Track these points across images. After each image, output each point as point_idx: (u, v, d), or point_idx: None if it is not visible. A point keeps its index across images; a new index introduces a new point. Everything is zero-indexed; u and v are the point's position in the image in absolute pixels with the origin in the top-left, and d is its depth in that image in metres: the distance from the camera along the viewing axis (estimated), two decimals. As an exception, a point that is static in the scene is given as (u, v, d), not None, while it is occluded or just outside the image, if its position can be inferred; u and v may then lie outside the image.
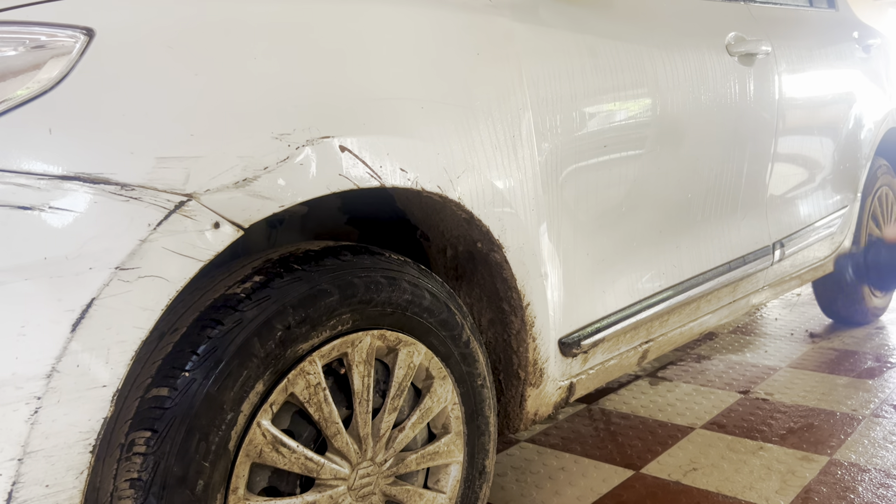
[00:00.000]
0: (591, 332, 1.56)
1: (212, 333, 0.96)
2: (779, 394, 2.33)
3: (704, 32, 1.90)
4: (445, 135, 1.21)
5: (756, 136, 2.07)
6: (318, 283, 1.05)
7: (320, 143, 1.02)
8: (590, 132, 1.50)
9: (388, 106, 1.13)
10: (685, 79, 1.76)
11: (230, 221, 0.93)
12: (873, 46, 2.88)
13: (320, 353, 1.06)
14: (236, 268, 1.06)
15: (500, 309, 1.41)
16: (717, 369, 2.59)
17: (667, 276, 1.78)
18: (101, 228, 0.84)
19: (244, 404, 0.97)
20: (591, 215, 1.53)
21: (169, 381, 0.93)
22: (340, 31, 1.11)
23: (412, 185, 1.15)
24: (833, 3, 2.87)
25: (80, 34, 0.89)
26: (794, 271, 2.42)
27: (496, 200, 1.29)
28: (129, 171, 0.86)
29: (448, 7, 1.29)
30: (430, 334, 1.22)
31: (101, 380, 0.84)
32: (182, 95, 0.92)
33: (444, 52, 1.24)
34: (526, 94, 1.36)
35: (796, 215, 2.37)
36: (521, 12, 1.41)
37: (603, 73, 1.53)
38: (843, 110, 2.58)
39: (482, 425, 1.33)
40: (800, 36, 2.37)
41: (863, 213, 2.85)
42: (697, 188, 1.86)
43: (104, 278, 0.83)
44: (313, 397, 1.05)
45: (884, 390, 2.33)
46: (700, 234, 1.90)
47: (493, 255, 1.34)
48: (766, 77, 2.10)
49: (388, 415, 1.17)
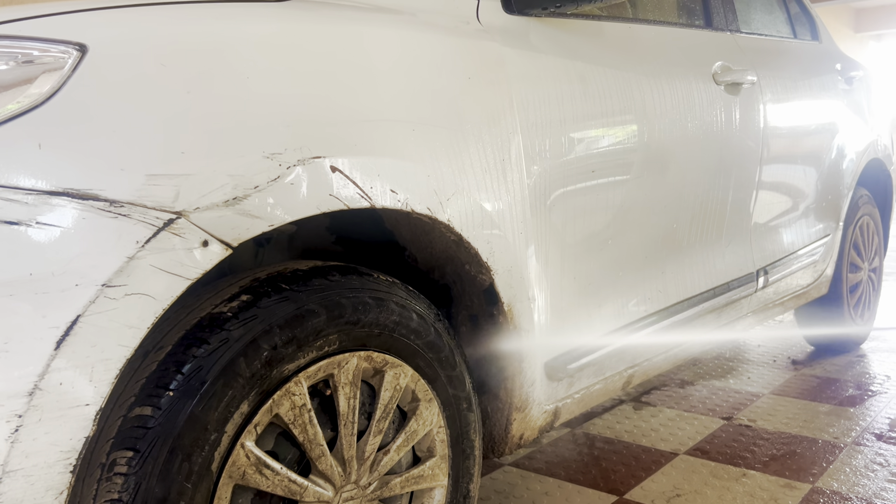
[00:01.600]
0: (577, 356, 1.56)
1: (197, 352, 0.95)
2: (761, 420, 2.34)
3: (692, 61, 1.92)
4: (436, 157, 1.22)
5: (741, 164, 2.09)
6: (306, 303, 1.05)
7: (311, 163, 1.02)
8: (578, 157, 1.51)
9: (380, 127, 1.14)
10: (672, 106, 1.78)
11: (219, 240, 0.93)
12: (855, 78, 2.94)
13: (306, 373, 1.05)
14: (223, 286, 1.05)
15: (487, 332, 1.41)
16: (700, 395, 2.60)
17: (652, 301, 1.79)
18: (89, 245, 0.83)
19: (228, 425, 0.96)
20: (578, 239, 1.54)
21: (153, 401, 0.92)
22: (333, 53, 1.12)
23: (402, 207, 1.15)
24: (816, 36, 2.93)
25: (73, 50, 0.89)
26: (778, 298, 2.44)
27: (485, 223, 1.30)
28: (119, 187, 0.86)
29: (440, 31, 1.30)
30: (416, 356, 1.21)
31: (84, 398, 0.82)
32: (174, 113, 0.92)
33: (435, 76, 1.25)
34: (516, 118, 1.37)
35: (780, 243, 2.40)
36: (512, 38, 1.42)
37: (592, 100, 1.54)
38: (826, 140, 2.62)
39: (467, 449, 1.32)
40: (784, 67, 2.41)
41: (845, 242, 2.88)
42: (683, 214, 1.87)
43: (90, 295, 0.82)
44: (298, 419, 1.04)
45: (865, 418, 2.34)
46: (685, 260, 1.92)
47: (481, 278, 1.34)
48: (751, 106, 2.13)
49: (374, 437, 1.16)
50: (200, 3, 1.06)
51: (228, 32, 1.01)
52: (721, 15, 2.20)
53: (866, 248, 3.12)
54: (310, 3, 1.21)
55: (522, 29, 1.46)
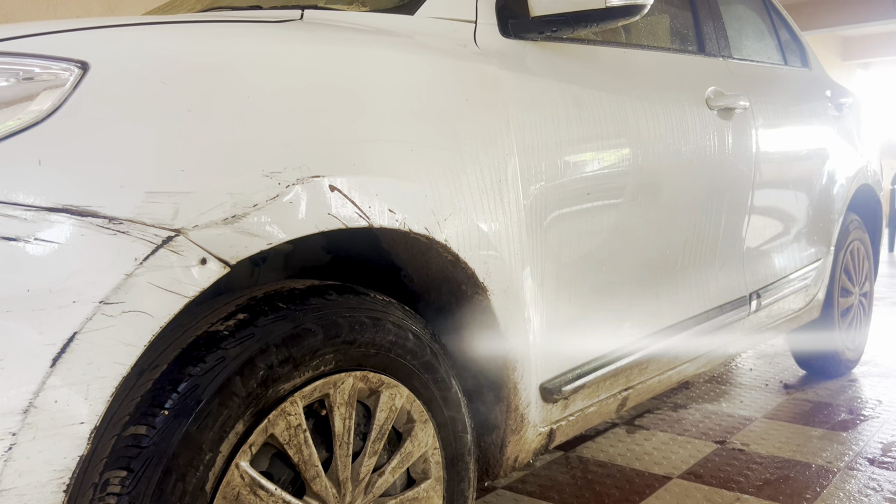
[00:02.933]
0: (572, 377, 1.56)
1: (193, 371, 0.94)
2: (755, 444, 2.34)
3: (685, 86, 1.94)
4: (433, 177, 1.22)
5: (734, 188, 2.11)
6: (303, 322, 1.05)
7: (310, 182, 1.03)
8: (573, 179, 1.52)
9: (378, 147, 1.14)
10: (666, 130, 1.80)
11: (217, 258, 0.93)
12: (845, 105, 2.97)
13: (302, 393, 1.05)
14: (220, 304, 1.04)
15: (483, 352, 1.40)
16: (693, 418, 2.59)
17: (646, 323, 1.79)
18: (87, 262, 0.83)
19: (223, 445, 0.95)
20: (573, 260, 1.54)
21: (147, 420, 0.91)
22: (333, 74, 1.12)
23: (400, 226, 1.15)
24: (807, 63, 2.97)
25: (75, 67, 0.89)
26: (770, 322, 2.45)
27: (482, 243, 1.30)
28: (118, 204, 0.86)
29: (438, 54, 1.32)
30: (412, 377, 1.21)
31: (79, 416, 0.82)
32: (174, 131, 0.92)
33: (434, 98, 1.26)
34: (513, 140, 1.38)
35: (772, 267, 2.41)
36: (509, 61, 1.44)
37: (587, 123, 1.56)
38: (816, 166, 2.65)
39: (462, 471, 1.32)
40: (776, 93, 2.44)
41: (836, 266, 2.90)
42: (676, 237, 1.88)
43: (87, 312, 0.82)
44: (293, 439, 1.04)
45: (857, 443, 2.34)
46: (679, 282, 1.92)
47: (478, 298, 1.34)
48: (743, 131, 2.15)
49: (369, 458, 1.15)
50: (202, 23, 1.07)
51: (229, 52, 1.02)
52: (714, 41, 2.23)
53: (857, 273, 3.14)
54: (310, 24, 1.22)
55: (519, 53, 1.48)
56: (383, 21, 1.37)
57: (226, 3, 1.78)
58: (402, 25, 1.37)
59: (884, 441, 2.35)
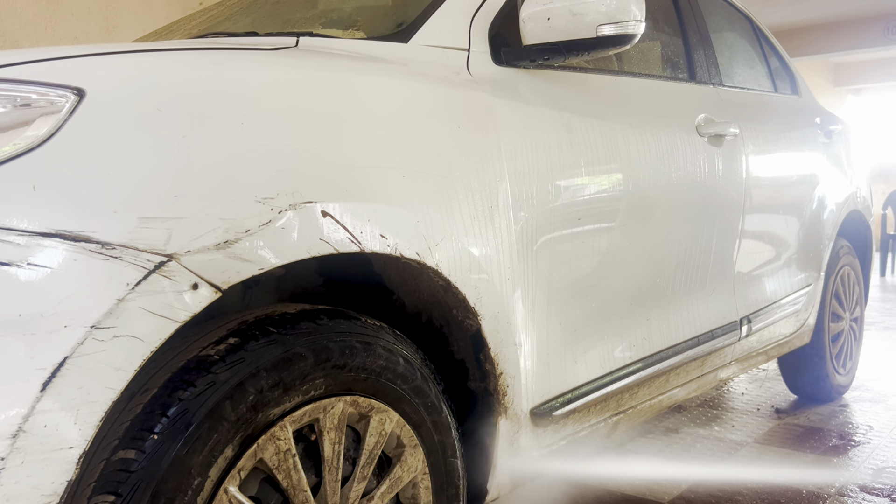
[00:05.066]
0: (562, 402, 1.56)
1: (183, 395, 0.95)
2: (745, 470, 2.33)
3: (676, 113, 1.97)
4: (425, 203, 1.23)
5: (724, 213, 2.13)
6: (293, 346, 1.05)
7: (303, 207, 1.04)
8: (564, 204, 1.53)
9: (371, 173, 1.16)
10: (657, 157, 1.82)
11: (209, 283, 0.93)
12: (834, 132, 3.01)
13: (291, 418, 1.05)
14: (211, 329, 1.05)
15: (474, 377, 1.41)
16: (684, 443, 2.59)
17: (637, 347, 1.80)
18: (79, 286, 0.83)
19: (212, 469, 0.95)
20: (564, 285, 1.55)
21: (136, 444, 0.91)
22: (327, 101, 1.14)
23: (391, 251, 1.16)
24: (796, 90, 3.01)
25: (71, 94, 0.90)
26: (761, 347, 2.46)
27: (473, 268, 1.31)
28: (111, 229, 0.87)
29: (431, 81, 1.34)
30: (402, 401, 1.21)
31: (69, 441, 0.82)
32: (168, 157, 0.93)
33: (426, 124, 1.28)
34: (504, 165, 1.40)
35: (763, 292, 2.43)
36: (500, 88, 1.46)
37: (578, 149, 1.58)
38: (806, 192, 2.67)
39: (451, 496, 1.31)
40: (766, 120, 2.47)
41: (826, 291, 2.92)
42: (667, 262, 1.90)
43: (79, 337, 0.82)
44: (283, 464, 1.04)
45: (848, 469, 2.34)
46: (670, 307, 1.93)
47: (469, 323, 1.35)
48: (734, 158, 2.17)
49: (358, 484, 1.15)
50: (198, 50, 1.08)
51: (225, 79, 1.03)
52: (704, 69, 2.26)
53: (847, 298, 3.16)
54: (305, 51, 1.24)
55: (511, 80, 1.50)
56: (377, 49, 1.39)
57: (222, 28, 1.80)
58: (396, 53, 1.39)
59: (875, 467, 2.35)
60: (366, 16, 1.67)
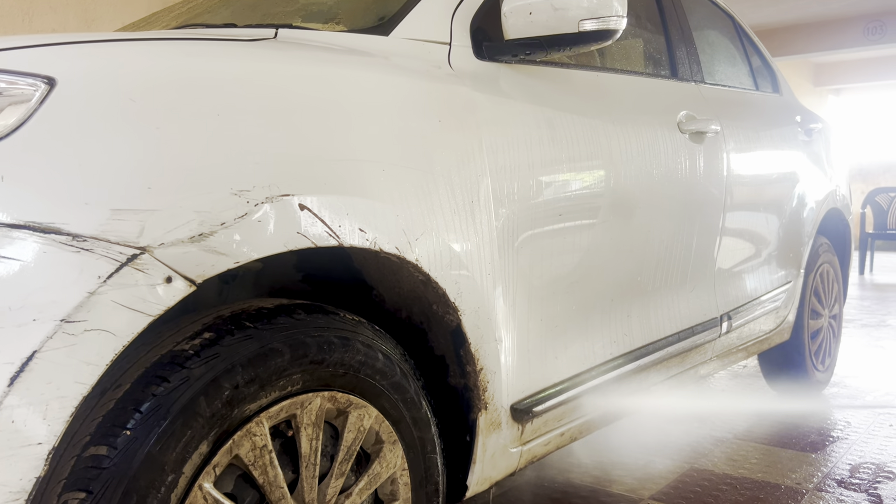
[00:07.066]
0: (543, 398, 1.56)
1: (157, 391, 0.93)
2: (725, 465, 2.35)
3: (657, 110, 1.97)
4: (405, 197, 1.22)
5: (705, 210, 2.14)
6: (270, 341, 1.04)
7: (280, 200, 1.02)
8: (545, 200, 1.53)
9: (350, 167, 1.14)
10: (638, 153, 1.82)
11: (183, 276, 0.92)
12: (814, 130, 3.03)
13: (268, 413, 1.04)
14: (186, 323, 1.03)
15: (454, 373, 1.40)
16: (664, 439, 2.60)
17: (618, 343, 1.80)
18: (49, 279, 0.82)
19: (186, 466, 0.94)
20: (545, 281, 1.55)
21: (108, 440, 0.89)
22: (305, 93, 1.12)
23: (370, 246, 1.15)
24: (777, 88, 3.02)
25: (41, 83, 0.88)
26: (741, 343, 2.47)
27: (453, 263, 1.30)
28: (82, 221, 0.85)
29: (412, 75, 1.32)
30: (381, 397, 1.20)
31: (37, 437, 0.80)
32: (142, 148, 0.92)
33: (406, 118, 1.27)
34: (485, 161, 1.39)
35: (743, 289, 2.44)
36: (482, 83, 1.45)
37: (559, 145, 1.57)
38: (787, 189, 2.69)
39: (430, 492, 1.31)
40: (747, 117, 2.48)
41: (806, 288, 2.94)
42: (648, 259, 1.90)
43: (48, 331, 0.81)
44: (259, 460, 1.02)
45: (826, 464, 2.36)
46: (650, 303, 1.94)
47: (449, 318, 1.34)
48: (715, 155, 2.18)
49: (336, 480, 1.14)
50: (173, 40, 1.06)
51: (200, 69, 1.02)
52: (686, 66, 2.27)
53: (827, 296, 3.18)
54: (284, 43, 1.22)
55: (493, 75, 1.49)
56: (358, 42, 1.37)
57: (201, 20, 1.78)
58: (377, 46, 1.37)
59: (852, 462, 2.38)
60: (347, 9, 1.66)
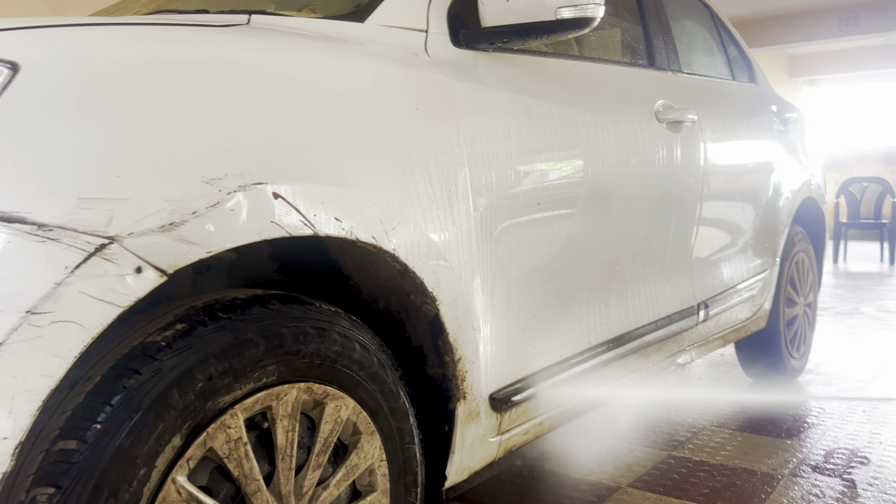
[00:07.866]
0: (521, 387, 1.55)
1: (128, 383, 0.91)
2: (702, 452, 2.37)
3: (635, 99, 1.97)
4: (382, 186, 1.21)
5: (682, 199, 2.14)
6: (244, 332, 1.02)
7: (253, 189, 1.01)
8: (524, 190, 1.52)
9: (325, 155, 1.13)
10: (615, 142, 1.81)
11: (153, 266, 0.90)
12: (790, 120, 3.05)
13: (243, 405, 1.02)
14: (157, 315, 1.01)
15: (432, 363, 1.39)
16: (642, 427, 2.62)
17: (596, 332, 1.81)
18: (13, 270, 0.79)
19: (159, 459, 0.92)
20: (523, 271, 1.55)
21: (78, 434, 0.87)
22: (279, 80, 1.11)
23: (346, 235, 1.14)
24: (754, 79, 3.04)
25: (5, 68, 0.86)
26: (718, 332, 2.49)
27: (431, 253, 1.29)
28: (48, 210, 0.83)
29: (388, 62, 1.31)
30: (359, 388, 1.19)
31: (3, 431, 0.78)
32: (110, 135, 0.89)
33: (383, 106, 1.25)
34: (463, 150, 1.38)
35: (720, 277, 2.45)
36: (459, 71, 1.44)
37: (537, 134, 1.56)
38: (763, 179, 2.71)
39: (409, 483, 1.30)
40: (724, 107, 2.49)
41: (781, 277, 2.97)
42: (626, 248, 1.90)
43: (13, 322, 0.79)
44: (234, 452, 1.01)
45: (801, 450, 2.39)
46: (628, 292, 1.94)
47: (427, 308, 1.33)
48: (692, 144, 2.19)
49: (312, 472, 1.13)
50: (143, 25, 1.04)
51: (170, 55, 1.00)
52: (663, 55, 2.27)
53: (802, 284, 3.22)
54: (257, 29, 1.20)
55: (470, 63, 1.48)
56: (333, 28, 1.35)
57: (174, 6, 1.74)
58: (352, 33, 1.35)
59: (826, 448, 2.41)
60: (322, -5, 1.63)
